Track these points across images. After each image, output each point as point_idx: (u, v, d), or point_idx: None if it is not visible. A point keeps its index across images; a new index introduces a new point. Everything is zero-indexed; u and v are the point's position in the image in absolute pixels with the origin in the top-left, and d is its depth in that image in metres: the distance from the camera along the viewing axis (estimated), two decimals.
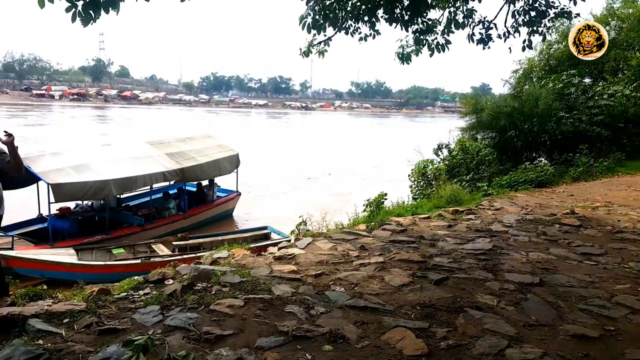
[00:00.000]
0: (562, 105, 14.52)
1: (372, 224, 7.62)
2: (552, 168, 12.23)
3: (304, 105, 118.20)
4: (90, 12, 4.35)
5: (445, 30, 7.38)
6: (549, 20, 7.35)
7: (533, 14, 7.17)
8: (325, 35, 6.63)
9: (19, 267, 8.55)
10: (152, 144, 13.54)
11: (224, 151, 15.06)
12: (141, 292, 4.60)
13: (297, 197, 18.74)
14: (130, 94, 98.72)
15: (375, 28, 7.03)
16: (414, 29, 7.23)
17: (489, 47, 7.69)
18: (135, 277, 5.45)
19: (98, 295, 4.56)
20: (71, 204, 12.06)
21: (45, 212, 11.43)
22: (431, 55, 7.22)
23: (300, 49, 6.85)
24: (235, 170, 15.29)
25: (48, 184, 9.87)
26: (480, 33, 7.51)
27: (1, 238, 9.72)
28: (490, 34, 7.51)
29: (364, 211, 9.88)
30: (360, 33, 7.04)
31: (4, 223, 10.27)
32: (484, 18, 7.57)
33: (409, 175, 13.16)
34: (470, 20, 7.49)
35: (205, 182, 14.90)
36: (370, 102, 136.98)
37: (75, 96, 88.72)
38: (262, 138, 39.89)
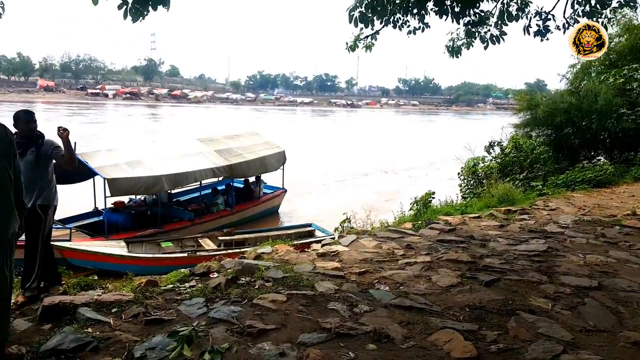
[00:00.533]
0: (623, 101, 13.70)
1: (419, 222, 7.45)
2: (611, 167, 11.58)
3: (349, 102, 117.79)
4: (140, 8, 4.44)
5: (499, 23, 7.10)
6: (610, 11, 6.92)
7: (594, 3, 6.76)
8: (372, 29, 6.51)
9: (72, 258, 8.92)
10: (201, 141, 13.82)
11: (271, 148, 15.19)
12: (187, 285, 4.66)
13: (341, 194, 18.65)
14: (179, 93, 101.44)
15: (425, 21, 6.84)
16: (465, 21, 6.98)
17: (547, 39, 7.33)
18: (182, 270, 5.55)
19: (146, 286, 4.65)
20: (125, 199, 12.51)
21: (100, 206, 11.91)
22: (486, 47, 6.94)
23: (347, 43, 6.75)
24: (282, 167, 15.40)
25: (104, 178, 10.23)
26: (537, 25, 7.17)
27: (60, 230, 10.12)
28: (548, 26, 7.15)
29: (410, 210, 9.69)
30: (408, 26, 6.86)
31: (62, 215, 10.81)
32: (541, 9, 7.23)
33: (458, 174, 12.81)
34: (525, 11, 7.16)
35: (252, 179, 15.08)
36: (418, 99, 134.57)
37: (128, 95, 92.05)
38: (307, 135, 40.06)
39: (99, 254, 9.05)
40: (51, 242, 8.92)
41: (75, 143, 10.46)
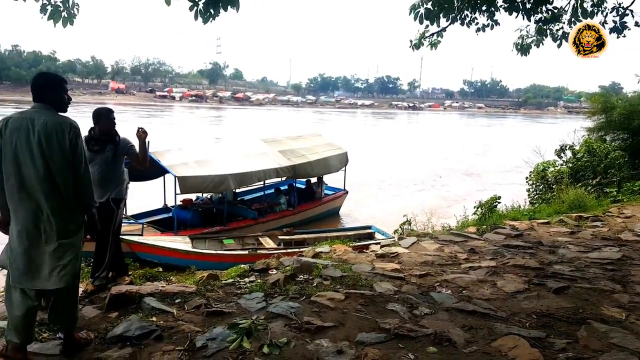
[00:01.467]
0: None
1: (484, 227, 7.18)
2: None
3: (411, 105, 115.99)
4: (210, 9, 4.53)
5: (572, 20, 6.71)
6: None
7: None
8: (438, 26, 6.34)
9: (140, 251, 9.29)
10: (265, 142, 13.98)
11: (333, 149, 15.14)
12: (246, 280, 4.73)
13: (402, 198, 18.36)
14: (242, 96, 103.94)
15: (494, 18, 6.58)
16: (536, 18, 6.65)
17: (623, 36, 6.84)
18: (242, 266, 5.65)
19: (207, 280, 4.77)
20: (192, 196, 12.91)
21: (169, 203, 12.43)
22: (559, 45, 6.57)
23: (411, 41, 6.61)
24: (344, 169, 15.34)
25: (175, 176, 10.56)
26: (613, 21, 6.71)
27: (132, 225, 10.63)
28: (625, 22, 6.67)
29: (474, 214, 9.37)
30: (477, 24, 6.63)
31: (134, 211, 11.33)
32: (619, 4, 6.76)
33: (526, 178, 12.24)
34: (601, 7, 6.72)
35: (314, 180, 15.10)
36: (484, 101, 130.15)
37: (194, 97, 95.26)
38: (367, 138, 39.86)
39: (165, 248, 9.38)
40: (121, 236, 9.37)
41: (149, 142, 10.98)
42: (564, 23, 6.79)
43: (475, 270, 4.95)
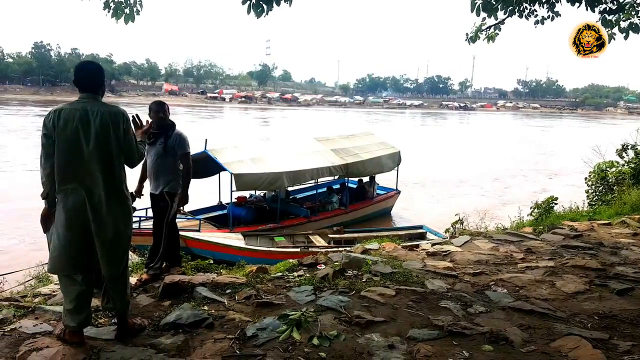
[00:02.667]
0: None
1: (540, 227, 6.89)
2: None
3: (462, 105, 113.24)
4: (263, 3, 4.53)
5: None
6: None
7: None
8: (496, 19, 6.12)
9: (194, 247, 9.44)
10: (318, 140, 13.99)
11: (386, 148, 14.94)
12: (295, 274, 4.74)
13: (454, 197, 17.94)
14: (290, 97, 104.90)
15: (555, 9, 6.28)
16: (601, 9, 6.29)
17: None
18: (290, 260, 5.66)
19: (256, 273, 4.80)
20: (246, 194, 13.08)
21: (224, 200, 12.63)
22: (626, 37, 6.18)
23: (467, 35, 6.41)
24: (396, 168, 15.10)
25: (231, 173, 10.73)
26: None
27: (190, 221, 10.84)
28: None
29: (529, 214, 9.01)
30: (536, 16, 6.35)
31: (192, 207, 11.59)
32: None
33: (585, 179, 11.66)
34: None
35: (366, 179, 14.95)
36: (539, 101, 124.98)
37: (243, 99, 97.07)
38: (417, 137, 39.27)
39: (218, 244, 9.51)
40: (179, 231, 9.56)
41: (206, 140, 11.27)
42: (632, 15, 6.38)
43: (533, 270, 4.74)
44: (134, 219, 6.57)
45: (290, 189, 13.63)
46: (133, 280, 4.30)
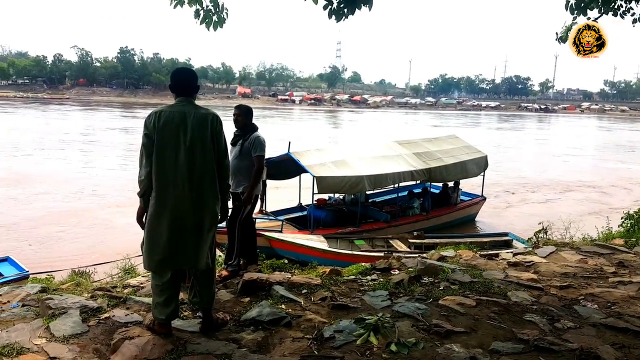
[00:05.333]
0: None
1: (633, 239, 6.40)
2: None
3: (542, 107, 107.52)
4: (344, 8, 4.53)
5: None
6: None
7: None
8: (587, 18, 5.74)
9: (278, 248, 9.57)
10: (400, 144, 13.65)
11: (471, 153, 14.35)
12: (368, 278, 4.71)
13: (537, 204, 17.09)
14: (359, 98, 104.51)
15: None
16: None
17: None
18: (363, 264, 5.64)
19: (330, 274, 4.82)
20: (324, 196, 12.90)
21: (304, 202, 12.69)
22: None
23: (557, 34, 6.07)
24: (482, 174, 14.39)
25: (313, 176, 10.70)
26: None
27: (272, 222, 11.00)
28: None
29: (620, 226, 8.37)
30: (632, 14, 5.90)
31: (273, 208, 11.89)
32: None
33: None
34: None
35: (450, 184, 14.33)
36: (629, 104, 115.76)
37: (312, 101, 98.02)
38: (496, 140, 37.83)
39: (302, 246, 9.54)
40: (262, 232, 9.71)
41: (289, 142, 11.48)
42: None
43: (626, 285, 4.41)
44: None
45: (369, 192, 13.27)
46: None
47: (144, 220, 3.13)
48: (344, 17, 4.60)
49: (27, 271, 7.66)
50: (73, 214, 13.51)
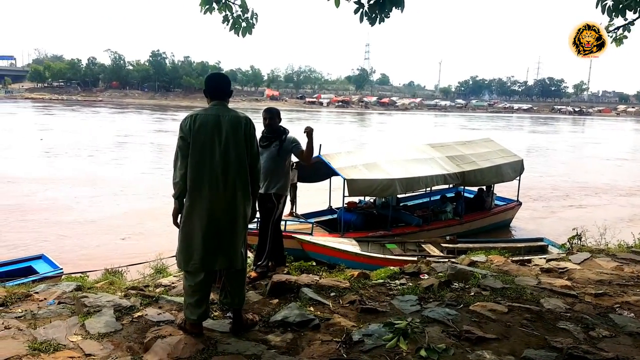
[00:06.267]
0: None
1: None
2: None
3: (576, 109, 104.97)
4: (376, 11, 4.48)
5: None
6: None
7: None
8: (625, 19, 5.57)
9: (310, 251, 9.58)
10: (432, 147, 13.46)
11: (507, 156, 14.01)
12: (397, 282, 4.67)
13: (571, 210, 16.69)
14: (387, 101, 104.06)
15: None
16: None
17: None
18: (391, 268, 5.59)
19: (358, 278, 4.81)
20: (355, 199, 12.81)
21: (334, 205, 12.70)
22: None
23: None
24: (518, 178, 14.05)
25: (344, 179, 10.62)
26: None
27: (302, 224, 11.03)
28: None
29: None
30: None
31: (303, 211, 11.92)
32: None
33: None
34: None
35: (484, 188, 13.99)
36: None
37: (340, 103, 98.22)
38: (531, 144, 37.06)
39: (335, 249, 9.52)
40: (295, 234, 9.72)
41: (320, 145, 11.48)
42: None
43: None
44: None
45: (400, 196, 13.11)
46: None
47: (178, 221, 3.19)
48: (378, 21, 4.55)
49: (61, 269, 7.89)
50: (148, 213, 13.90)
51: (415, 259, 8.95)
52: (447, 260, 6.34)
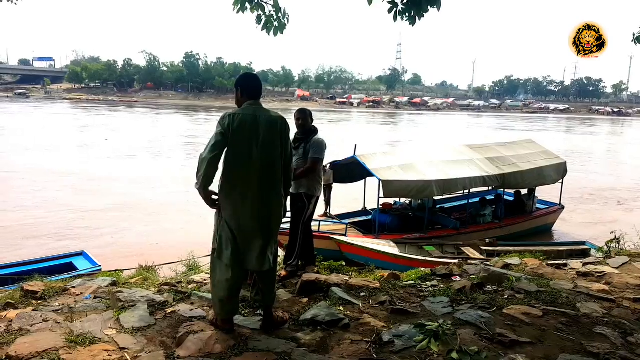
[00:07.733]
0: None
1: None
2: None
3: (615, 110, 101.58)
4: (412, 9, 4.40)
5: None
6: None
7: None
8: None
9: (347, 252, 9.47)
10: (471, 148, 13.16)
11: (549, 158, 13.56)
12: (428, 283, 4.63)
13: (610, 213, 16.25)
14: (419, 101, 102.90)
15: None
16: None
17: None
18: (422, 269, 5.53)
19: (388, 279, 4.78)
20: (390, 201, 12.63)
21: (368, 206, 12.59)
22: None
23: (634, 35, 5.72)
24: (561, 181, 13.56)
25: (380, 180, 10.54)
26: None
27: (337, 225, 10.96)
28: None
29: None
30: None
31: (337, 211, 11.91)
32: None
33: None
34: None
35: (524, 191, 13.70)
36: None
37: (371, 103, 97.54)
38: (570, 145, 36.04)
39: (373, 250, 9.39)
40: (332, 235, 9.70)
41: (355, 146, 11.48)
42: None
43: None
44: None
45: (437, 198, 12.78)
46: None
47: (212, 199, 3.18)
48: (416, 20, 4.47)
49: (100, 265, 8.11)
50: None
51: (455, 261, 8.79)
52: (479, 262, 6.22)
